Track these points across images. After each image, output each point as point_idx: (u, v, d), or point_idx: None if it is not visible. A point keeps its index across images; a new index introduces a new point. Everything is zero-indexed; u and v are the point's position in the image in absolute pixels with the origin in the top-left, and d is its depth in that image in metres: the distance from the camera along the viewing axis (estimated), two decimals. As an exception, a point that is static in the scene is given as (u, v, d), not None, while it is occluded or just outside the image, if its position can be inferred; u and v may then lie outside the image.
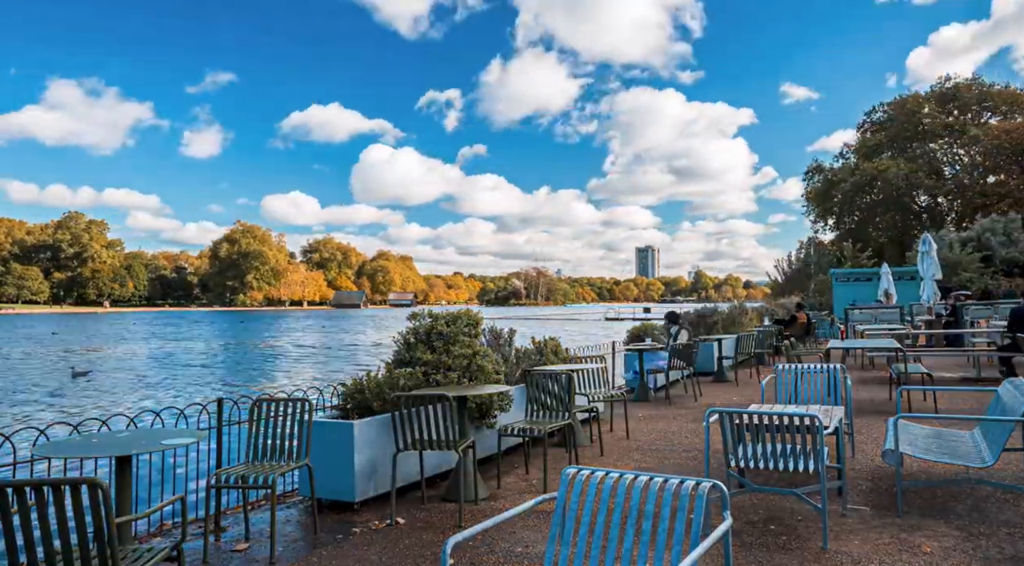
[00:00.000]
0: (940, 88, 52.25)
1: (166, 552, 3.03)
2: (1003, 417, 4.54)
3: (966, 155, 48.88)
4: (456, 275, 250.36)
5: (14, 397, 20.32)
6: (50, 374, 26.78)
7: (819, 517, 4.28)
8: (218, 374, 27.45)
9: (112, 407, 17.43)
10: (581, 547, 2.46)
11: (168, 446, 3.54)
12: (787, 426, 4.12)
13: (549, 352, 8.31)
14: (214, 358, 34.29)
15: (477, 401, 5.95)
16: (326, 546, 4.38)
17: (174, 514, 5.16)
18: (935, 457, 4.62)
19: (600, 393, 7.69)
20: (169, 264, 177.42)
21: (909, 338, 14.03)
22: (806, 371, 6.10)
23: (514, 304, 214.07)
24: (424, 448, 4.98)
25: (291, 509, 5.30)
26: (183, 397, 19.42)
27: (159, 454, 4.97)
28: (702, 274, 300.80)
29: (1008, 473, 5.33)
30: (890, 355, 10.73)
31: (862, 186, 50.37)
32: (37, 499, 2.54)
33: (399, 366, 6.19)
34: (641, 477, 2.51)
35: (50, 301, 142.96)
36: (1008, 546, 3.92)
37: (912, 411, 8.37)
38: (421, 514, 4.98)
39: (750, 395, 10.41)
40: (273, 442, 4.71)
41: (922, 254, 18.16)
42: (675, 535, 2.35)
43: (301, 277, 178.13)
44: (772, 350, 14.52)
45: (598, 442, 7.12)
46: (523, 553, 4.08)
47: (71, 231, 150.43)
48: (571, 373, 6.05)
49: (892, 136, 51.49)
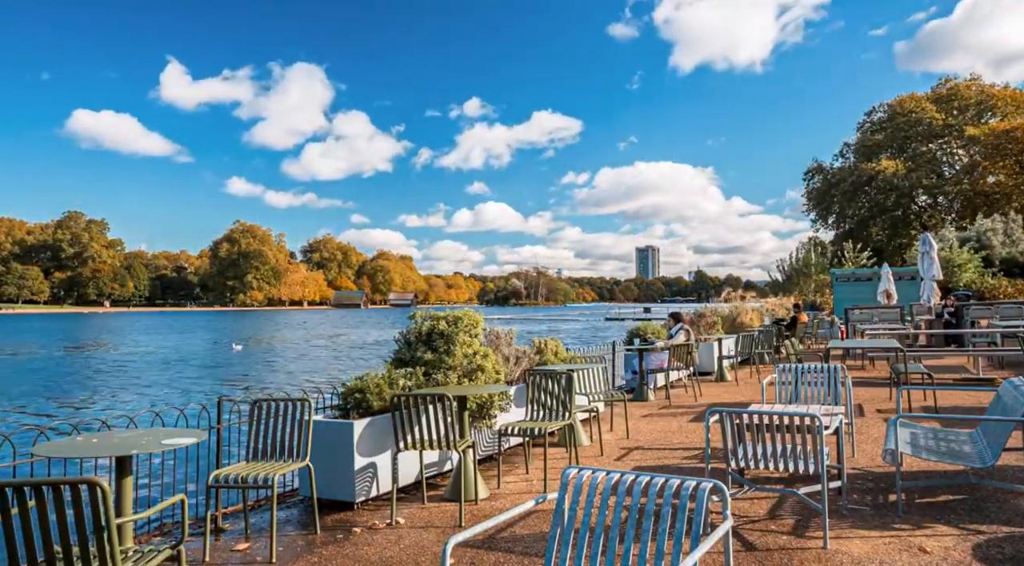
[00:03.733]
0: (940, 88, 52.26)
1: (166, 552, 3.03)
2: (1003, 417, 4.54)
3: (966, 155, 48.85)
4: (456, 275, 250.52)
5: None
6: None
7: (819, 517, 4.28)
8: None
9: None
10: (581, 547, 2.46)
11: (168, 446, 3.54)
12: (787, 426, 4.11)
13: (549, 352, 8.31)
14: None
15: (477, 401, 5.95)
16: (326, 546, 4.38)
17: (174, 514, 5.15)
18: (935, 457, 4.62)
19: (600, 393, 7.69)
20: (169, 264, 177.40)
21: (909, 338, 14.04)
22: (806, 371, 6.09)
23: (514, 304, 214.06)
24: (424, 448, 4.98)
25: (291, 509, 5.30)
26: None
27: (159, 454, 4.96)
28: (703, 274, 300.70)
29: (1008, 473, 5.33)
30: (890, 355, 10.73)
31: (862, 186, 50.37)
32: (37, 499, 2.53)
33: (399, 366, 6.19)
34: (641, 477, 2.50)
35: (50, 301, 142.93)
36: (1008, 546, 3.92)
37: (912, 411, 8.37)
38: (421, 514, 4.98)
39: (750, 395, 10.41)
40: (273, 442, 4.71)
41: (922, 254, 18.16)
42: (675, 535, 2.34)
43: (301, 277, 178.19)
44: (773, 350, 14.52)
45: (598, 442, 7.12)
46: (523, 553, 4.07)
47: (71, 231, 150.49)
48: (571, 373, 6.05)
49: (892, 136, 51.48)
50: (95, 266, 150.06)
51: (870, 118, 55.30)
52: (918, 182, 48.20)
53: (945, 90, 51.44)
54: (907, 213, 50.67)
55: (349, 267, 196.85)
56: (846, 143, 56.61)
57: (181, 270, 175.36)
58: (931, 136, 50.33)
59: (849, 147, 56.08)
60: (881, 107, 54.58)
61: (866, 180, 49.85)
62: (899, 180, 47.85)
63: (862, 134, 55.12)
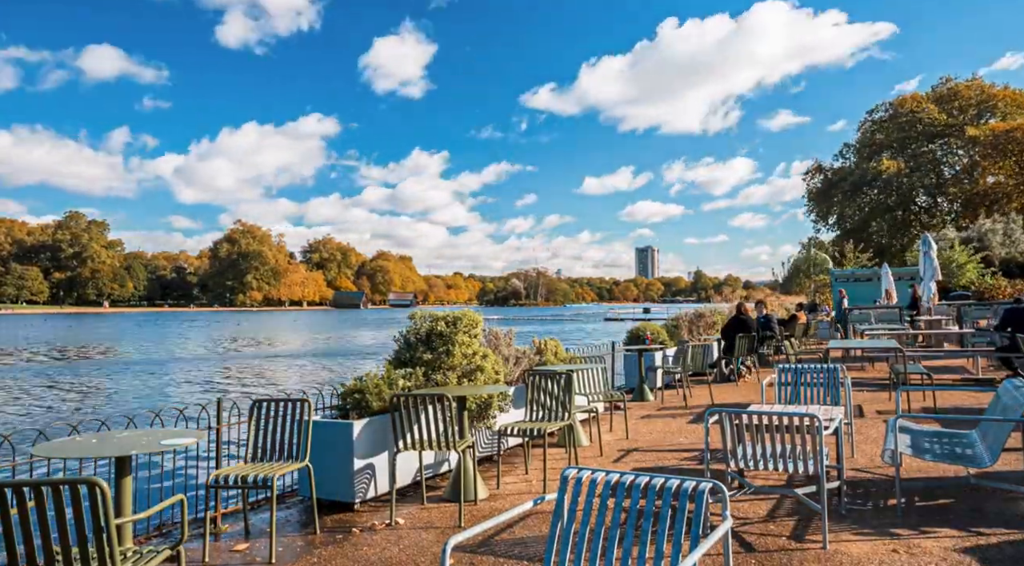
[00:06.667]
0: (940, 88, 52.28)
1: (165, 552, 3.03)
2: (1003, 417, 4.54)
3: (966, 155, 48.88)
4: (456, 275, 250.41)
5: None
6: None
7: (818, 518, 4.28)
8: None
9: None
10: (581, 547, 2.46)
11: (168, 446, 3.54)
12: (787, 426, 4.11)
13: (549, 352, 8.31)
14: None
15: (477, 401, 5.95)
16: (326, 546, 4.38)
17: (173, 514, 5.15)
18: (935, 458, 4.62)
19: (600, 393, 7.69)
20: (168, 264, 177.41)
21: (909, 338, 14.04)
22: (806, 371, 6.09)
23: (514, 304, 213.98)
24: (424, 448, 4.98)
25: (291, 509, 5.30)
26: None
27: (159, 454, 4.96)
28: (702, 274, 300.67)
29: (1008, 473, 5.33)
30: (890, 355, 10.73)
31: (862, 186, 50.39)
32: (36, 499, 2.53)
33: (399, 366, 6.19)
34: (641, 477, 2.50)
35: (49, 301, 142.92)
36: (1008, 546, 3.92)
37: (912, 411, 8.37)
38: (421, 514, 4.98)
39: (750, 395, 10.41)
40: (273, 442, 4.71)
41: (922, 254, 18.17)
42: (675, 535, 2.35)
43: (301, 277, 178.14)
44: (773, 350, 14.52)
45: (598, 442, 7.12)
46: (523, 553, 4.07)
47: (71, 231, 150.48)
48: (571, 373, 6.04)
49: (892, 136, 51.52)
50: (94, 266, 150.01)
51: (871, 118, 55.34)
52: (918, 182, 48.23)
53: (946, 90, 51.48)
54: (907, 213, 50.71)
55: (349, 267, 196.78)
56: (846, 143, 56.75)
57: (181, 270, 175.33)
58: (932, 136, 50.38)
59: (849, 147, 56.16)
60: (882, 106, 54.64)
61: (867, 180, 49.88)
62: (899, 180, 47.88)
63: (863, 134, 55.16)
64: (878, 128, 53.47)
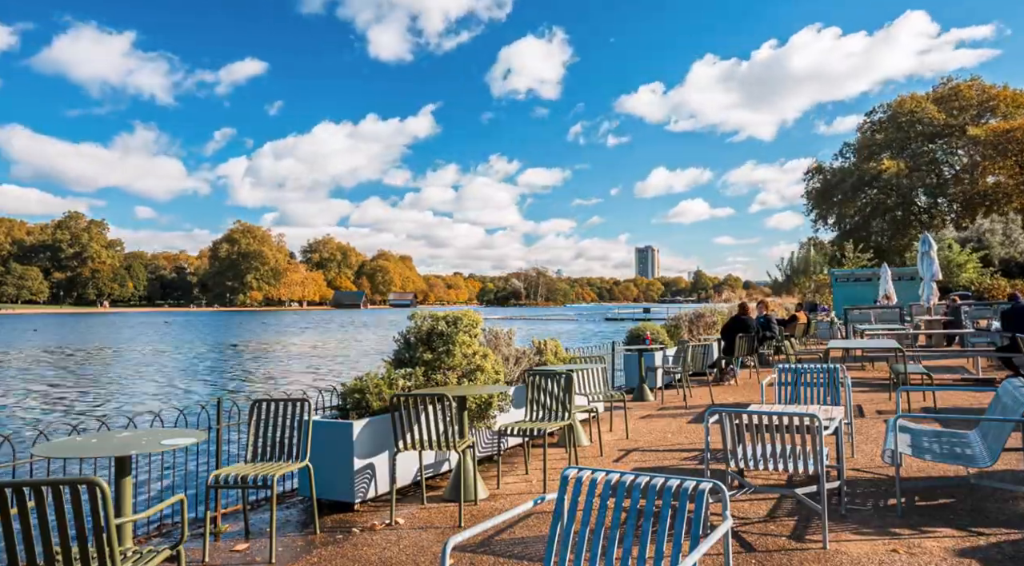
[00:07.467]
0: (940, 88, 52.28)
1: (165, 552, 3.03)
2: (1003, 417, 4.54)
3: (966, 155, 48.87)
4: (456, 275, 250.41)
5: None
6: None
7: (819, 518, 4.28)
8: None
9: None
10: (581, 547, 2.46)
11: (168, 446, 3.54)
12: (787, 426, 4.11)
13: (549, 352, 8.31)
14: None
15: (477, 401, 5.95)
16: (326, 546, 4.38)
17: (173, 514, 5.15)
18: (935, 458, 4.62)
19: (600, 393, 7.69)
20: (169, 264, 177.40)
21: (909, 338, 14.04)
22: (806, 371, 6.09)
23: (514, 304, 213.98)
24: (424, 448, 4.98)
25: (291, 509, 5.30)
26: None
27: (159, 454, 4.96)
28: (702, 274, 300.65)
29: (1008, 473, 5.33)
30: (890, 355, 10.72)
31: (862, 186, 50.39)
32: (36, 499, 2.53)
33: (399, 366, 6.19)
34: (641, 477, 2.50)
35: (49, 301, 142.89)
36: (1008, 546, 3.92)
37: (912, 411, 8.37)
38: (421, 514, 4.98)
39: (750, 395, 10.41)
40: (273, 442, 4.71)
41: (922, 254, 18.16)
42: (675, 535, 2.35)
43: (301, 277, 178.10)
44: (773, 350, 14.51)
45: (598, 442, 7.12)
46: (523, 553, 4.07)
47: (71, 231, 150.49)
48: (571, 373, 6.05)
49: (892, 136, 51.51)
50: (94, 266, 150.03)
51: (871, 118, 55.34)
52: (919, 182, 48.23)
53: (946, 90, 51.47)
54: (907, 213, 50.72)
55: (349, 267, 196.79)
56: (846, 143, 56.73)
57: (181, 270, 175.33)
58: (932, 136, 50.37)
59: (849, 147, 56.14)
60: (882, 107, 54.66)
61: (867, 180, 49.88)
62: (899, 180, 47.88)
63: (863, 134, 55.16)
64: (878, 128, 53.47)
